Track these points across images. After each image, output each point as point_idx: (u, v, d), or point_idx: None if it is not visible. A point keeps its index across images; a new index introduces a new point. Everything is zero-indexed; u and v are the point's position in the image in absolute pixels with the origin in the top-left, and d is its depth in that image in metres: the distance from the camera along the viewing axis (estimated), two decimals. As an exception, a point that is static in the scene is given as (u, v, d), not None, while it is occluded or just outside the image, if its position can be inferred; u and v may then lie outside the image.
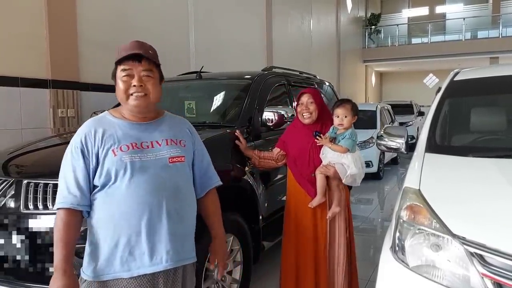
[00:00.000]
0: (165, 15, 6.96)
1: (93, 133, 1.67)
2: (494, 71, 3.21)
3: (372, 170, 8.40)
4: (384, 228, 4.84)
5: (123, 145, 1.64)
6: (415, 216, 1.86)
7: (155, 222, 1.61)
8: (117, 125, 1.71)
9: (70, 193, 1.61)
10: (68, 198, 1.61)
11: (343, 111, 2.79)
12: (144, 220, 1.60)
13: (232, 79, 4.30)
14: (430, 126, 2.64)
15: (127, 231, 1.59)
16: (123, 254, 1.60)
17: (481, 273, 1.59)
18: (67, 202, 1.60)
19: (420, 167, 2.20)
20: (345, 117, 2.79)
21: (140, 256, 1.60)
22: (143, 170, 1.62)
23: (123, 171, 1.60)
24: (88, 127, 1.69)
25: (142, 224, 1.60)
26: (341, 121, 2.79)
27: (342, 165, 2.72)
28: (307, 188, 2.82)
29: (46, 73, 4.90)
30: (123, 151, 1.62)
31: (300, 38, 13.22)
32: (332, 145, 2.75)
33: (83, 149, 1.64)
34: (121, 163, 1.60)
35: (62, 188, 1.63)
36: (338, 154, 2.74)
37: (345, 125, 2.80)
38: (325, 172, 2.75)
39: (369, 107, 9.94)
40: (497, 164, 2.18)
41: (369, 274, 3.68)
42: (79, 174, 1.62)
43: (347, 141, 2.74)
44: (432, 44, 20.57)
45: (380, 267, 1.98)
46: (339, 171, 2.73)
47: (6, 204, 2.51)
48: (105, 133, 1.67)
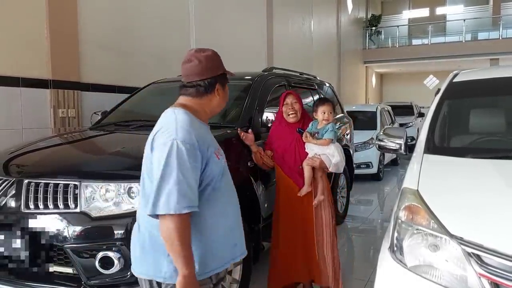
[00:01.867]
0: (166, 15, 6.97)
1: (199, 133, 1.65)
2: (493, 73, 3.22)
3: (372, 171, 8.39)
4: (384, 229, 4.85)
5: (218, 149, 1.74)
6: (413, 217, 1.87)
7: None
8: (200, 126, 1.72)
9: (194, 194, 1.55)
10: (193, 201, 1.55)
11: (328, 108, 3.14)
12: (239, 214, 1.85)
13: (232, 80, 4.28)
14: (429, 127, 2.66)
15: (233, 225, 1.78)
16: (231, 247, 1.75)
17: (479, 273, 1.60)
18: (194, 206, 1.55)
19: (418, 168, 2.22)
20: (330, 113, 3.13)
21: (237, 246, 1.79)
22: (226, 171, 1.79)
23: (221, 175, 1.71)
24: (193, 125, 1.64)
25: (240, 219, 1.84)
26: (328, 116, 3.11)
27: (327, 156, 3.02)
28: (295, 179, 3.06)
29: (46, 73, 4.91)
30: (222, 155, 1.74)
31: (301, 39, 13.23)
32: (317, 141, 3.04)
33: (198, 148, 1.60)
34: (222, 166, 1.72)
35: (183, 190, 1.51)
36: (324, 147, 3.03)
37: (330, 120, 3.12)
38: (312, 163, 3.02)
39: (369, 108, 9.95)
40: (495, 165, 2.19)
41: (368, 274, 3.69)
42: (196, 174, 1.58)
43: (331, 133, 3.05)
44: (433, 45, 20.58)
45: (378, 267, 1.99)
46: (325, 162, 3.02)
47: (7, 203, 2.52)
48: (201, 134, 1.66)
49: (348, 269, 4.03)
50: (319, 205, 3.08)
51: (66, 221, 2.42)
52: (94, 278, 2.37)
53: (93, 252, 2.37)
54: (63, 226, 2.41)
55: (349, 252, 4.64)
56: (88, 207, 2.42)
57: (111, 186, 2.44)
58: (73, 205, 2.43)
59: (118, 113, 4.11)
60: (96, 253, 2.36)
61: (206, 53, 1.75)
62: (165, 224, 1.50)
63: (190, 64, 1.72)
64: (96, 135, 3.53)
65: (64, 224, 2.41)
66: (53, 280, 2.45)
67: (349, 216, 5.75)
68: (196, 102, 1.75)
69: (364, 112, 9.65)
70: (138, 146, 3.14)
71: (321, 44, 14.97)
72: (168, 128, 1.60)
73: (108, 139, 3.49)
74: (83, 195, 2.43)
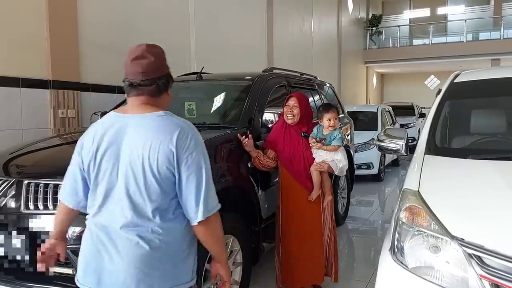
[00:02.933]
0: (166, 16, 6.97)
1: None
2: (494, 73, 3.21)
3: (373, 171, 8.37)
4: (385, 230, 4.84)
5: None
6: (414, 218, 1.86)
7: None
8: None
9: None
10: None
11: (333, 114, 3.20)
12: None
13: (232, 80, 4.30)
14: (430, 128, 2.65)
15: None
16: None
17: (480, 275, 1.59)
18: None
19: (419, 169, 2.21)
20: (335, 119, 3.20)
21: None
22: None
23: None
24: None
25: None
26: (334, 123, 3.18)
27: (334, 161, 3.14)
28: (305, 184, 3.16)
29: (46, 73, 4.91)
30: None
31: (301, 39, 13.22)
32: (326, 147, 3.13)
33: None
34: None
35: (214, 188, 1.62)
36: (332, 153, 3.13)
37: (336, 125, 3.20)
38: (320, 168, 3.14)
39: (370, 109, 9.93)
40: (496, 166, 2.18)
41: (369, 276, 3.68)
42: None
43: (339, 140, 3.14)
44: (434, 46, 20.54)
45: (379, 268, 1.98)
46: (332, 167, 3.14)
47: (6, 204, 2.52)
48: None
49: (349, 270, 4.02)
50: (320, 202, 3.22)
51: (66, 221, 2.40)
52: (93, 279, 2.36)
53: (92, 253, 2.36)
54: (63, 227, 2.39)
55: (350, 253, 4.63)
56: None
57: (110, 187, 2.42)
58: (73, 206, 2.41)
59: (118, 114, 4.09)
60: (96, 254, 2.34)
61: (158, 49, 1.64)
62: (212, 223, 1.58)
63: (145, 60, 1.56)
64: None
65: (63, 224, 2.40)
66: (52, 281, 2.44)
67: (350, 217, 5.74)
68: (155, 101, 1.62)
69: (365, 112, 9.63)
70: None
71: (321, 44, 14.96)
72: (188, 133, 1.55)
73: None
74: (83, 195, 2.42)
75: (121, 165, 1.53)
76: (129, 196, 1.52)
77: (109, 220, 1.55)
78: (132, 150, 1.51)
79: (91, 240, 1.58)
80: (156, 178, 1.50)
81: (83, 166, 1.60)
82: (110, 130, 1.56)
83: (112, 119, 1.60)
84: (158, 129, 1.52)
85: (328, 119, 3.18)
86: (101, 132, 1.57)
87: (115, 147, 1.54)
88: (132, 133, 1.53)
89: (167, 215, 1.55)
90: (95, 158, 1.56)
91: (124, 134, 1.54)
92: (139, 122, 1.55)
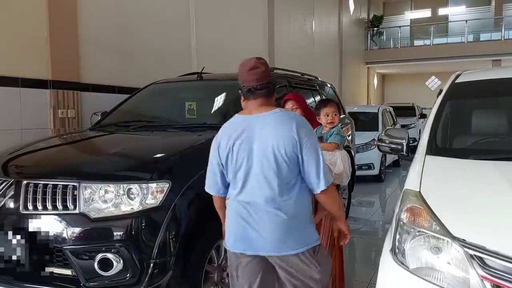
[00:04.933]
0: (166, 16, 6.96)
1: None
2: (496, 74, 3.20)
3: (374, 172, 8.37)
4: (386, 231, 4.82)
5: None
6: (415, 218, 1.85)
7: None
8: None
9: None
10: None
11: (333, 109, 2.92)
12: None
13: (233, 80, 4.26)
14: (431, 128, 2.64)
15: None
16: None
17: (481, 276, 1.58)
18: None
19: (420, 169, 2.20)
20: (334, 115, 2.91)
21: None
22: None
23: None
24: None
25: None
26: (332, 119, 2.90)
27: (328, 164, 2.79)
28: None
29: (46, 73, 4.90)
30: None
31: (302, 39, 13.21)
32: (321, 144, 2.78)
33: None
34: None
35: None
36: (328, 153, 2.78)
37: (335, 122, 2.91)
38: None
39: (371, 109, 9.93)
40: (498, 166, 2.17)
41: (369, 277, 3.67)
42: None
43: (336, 136, 2.86)
44: (435, 46, 20.52)
45: (380, 269, 1.97)
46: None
47: (5, 204, 2.51)
48: None
49: (350, 271, 4.00)
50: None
51: (65, 222, 2.40)
52: (93, 280, 2.36)
53: (92, 254, 2.35)
54: (62, 227, 2.39)
55: (351, 254, 4.61)
56: (87, 208, 2.41)
57: (110, 187, 2.42)
58: (72, 206, 2.41)
59: (118, 114, 4.09)
60: (95, 255, 2.34)
61: (264, 61, 2.05)
62: (330, 190, 2.00)
63: (259, 69, 1.98)
64: (95, 136, 3.52)
65: (63, 225, 2.39)
66: (51, 282, 2.43)
67: (351, 218, 5.73)
68: (269, 101, 2.03)
69: (366, 113, 9.63)
70: (138, 147, 3.14)
71: (322, 45, 14.95)
72: (302, 123, 1.96)
73: (107, 140, 3.48)
74: (82, 196, 2.42)
75: (255, 154, 1.92)
76: (264, 176, 1.90)
77: (251, 197, 1.94)
78: (263, 141, 1.91)
79: (236, 214, 1.98)
80: (284, 160, 1.89)
81: (221, 161, 2.00)
82: (242, 128, 1.96)
83: (241, 120, 2.01)
84: (280, 123, 1.93)
85: (326, 114, 2.89)
86: (233, 131, 1.98)
87: (248, 141, 1.93)
88: (260, 129, 1.93)
89: (295, 189, 1.94)
90: (233, 151, 1.95)
91: (254, 130, 1.94)
92: (264, 119, 1.95)
